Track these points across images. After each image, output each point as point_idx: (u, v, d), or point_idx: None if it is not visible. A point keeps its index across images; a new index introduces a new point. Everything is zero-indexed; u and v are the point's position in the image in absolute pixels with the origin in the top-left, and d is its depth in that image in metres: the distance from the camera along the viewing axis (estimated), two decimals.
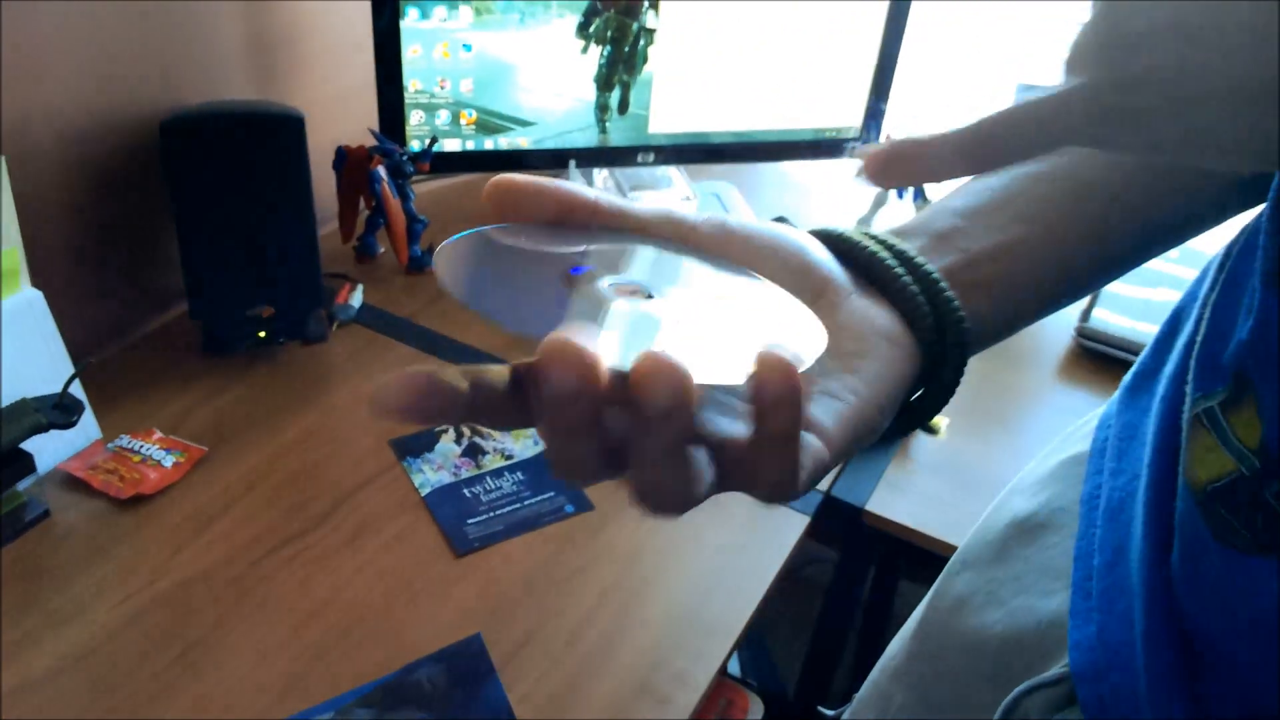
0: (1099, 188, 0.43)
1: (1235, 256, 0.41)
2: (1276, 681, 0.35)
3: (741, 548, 0.82)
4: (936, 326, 0.37)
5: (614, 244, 0.34)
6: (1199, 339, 0.41)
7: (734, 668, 1.21)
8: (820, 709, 0.70)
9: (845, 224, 0.40)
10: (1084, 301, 1.14)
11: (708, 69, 1.21)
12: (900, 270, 0.38)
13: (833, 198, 1.39)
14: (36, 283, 0.84)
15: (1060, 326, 1.14)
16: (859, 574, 1.10)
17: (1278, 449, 0.34)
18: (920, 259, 0.38)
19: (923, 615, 0.61)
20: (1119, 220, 0.43)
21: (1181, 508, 0.40)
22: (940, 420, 0.99)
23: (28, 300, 0.83)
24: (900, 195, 1.28)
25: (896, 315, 0.37)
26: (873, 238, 0.39)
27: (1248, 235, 0.40)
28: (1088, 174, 0.43)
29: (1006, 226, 0.41)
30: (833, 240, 0.39)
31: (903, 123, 1.31)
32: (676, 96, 1.22)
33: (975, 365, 0.40)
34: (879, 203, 1.30)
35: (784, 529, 0.84)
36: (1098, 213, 0.43)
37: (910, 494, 0.90)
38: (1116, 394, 0.51)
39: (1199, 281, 0.46)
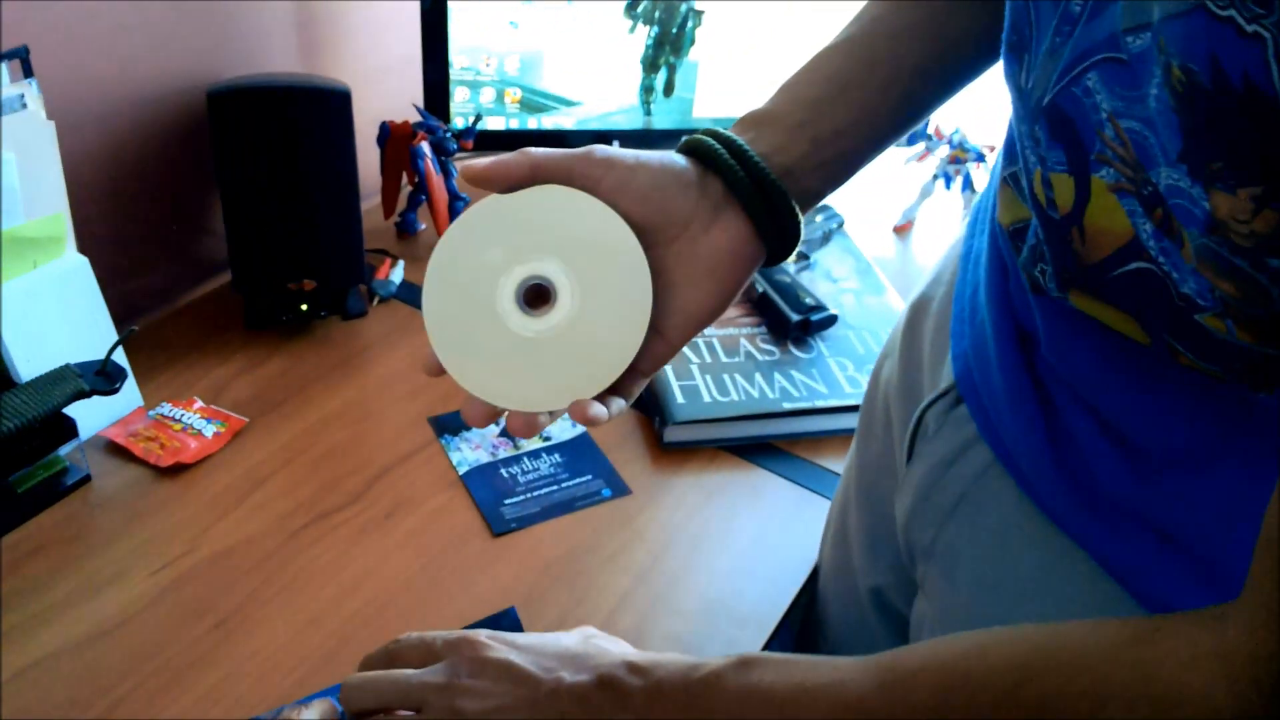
0: (908, 67, 0.55)
1: None
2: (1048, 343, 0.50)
3: (778, 538, 0.82)
4: (775, 224, 0.51)
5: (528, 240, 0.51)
6: (1010, 119, 0.51)
7: None
8: None
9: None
10: None
11: (755, 54, 1.19)
12: (748, 182, 0.50)
13: (878, 185, 1.37)
14: (82, 249, 0.84)
15: None
16: None
17: (1025, 192, 0.47)
18: (761, 163, 0.51)
19: (862, 410, 0.75)
20: (922, 90, 0.56)
21: (1000, 243, 0.54)
22: None
23: (73, 266, 0.83)
24: (948, 185, 1.26)
25: (744, 222, 0.51)
26: (728, 145, 0.51)
27: None
28: (901, 56, 0.55)
29: (842, 113, 0.53)
30: (699, 154, 0.52)
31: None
32: (722, 81, 1.20)
33: None
34: (925, 193, 1.28)
35: (820, 520, 0.83)
36: (905, 89, 0.55)
37: None
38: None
39: None
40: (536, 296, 0.52)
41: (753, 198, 0.51)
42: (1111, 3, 0.37)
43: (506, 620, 0.72)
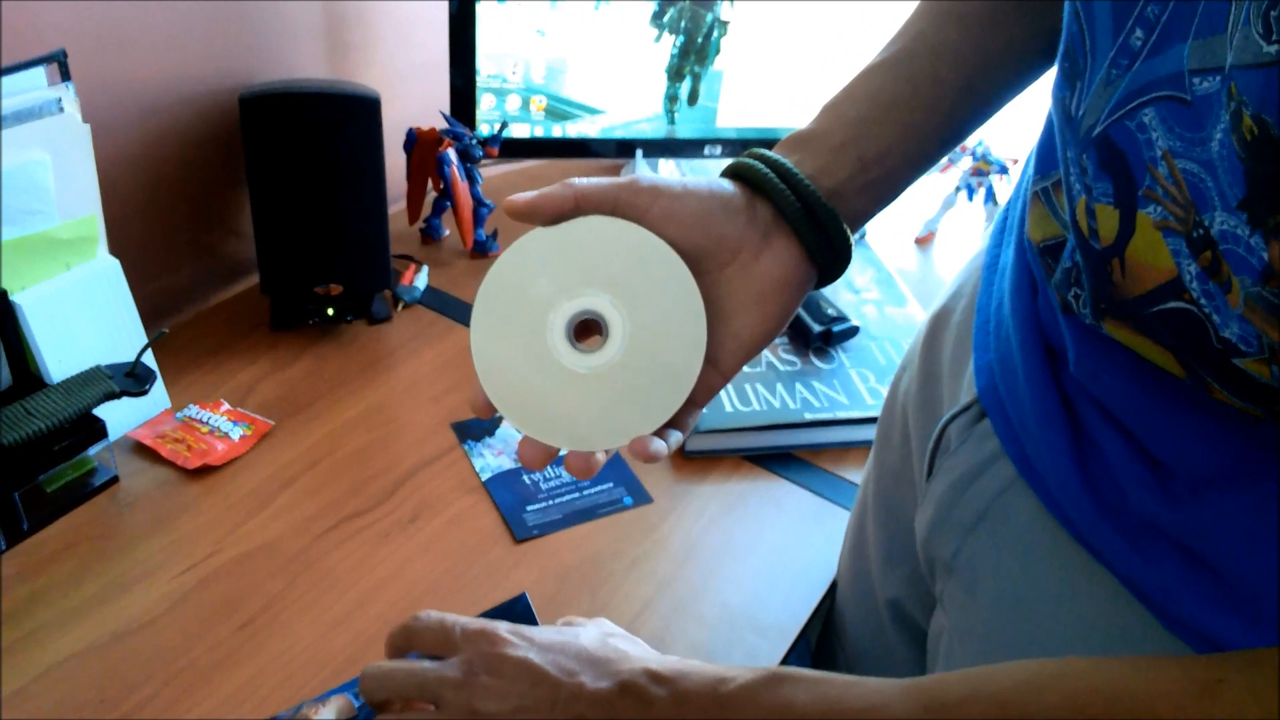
0: (954, 85, 0.55)
1: None
2: (1083, 363, 0.49)
3: (799, 549, 0.82)
4: (826, 247, 0.51)
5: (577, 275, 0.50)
6: (1042, 132, 0.52)
7: None
8: None
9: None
10: None
11: (779, 63, 1.19)
12: (798, 206, 0.50)
13: (900, 196, 1.37)
14: (113, 250, 0.85)
15: None
16: None
17: (1067, 218, 0.47)
18: (811, 185, 0.51)
19: (880, 422, 0.74)
20: (965, 107, 0.56)
21: (1029, 258, 0.54)
22: None
23: (105, 268, 0.84)
24: (970, 197, 1.26)
25: (795, 246, 0.51)
26: (775, 168, 0.51)
27: None
28: (943, 73, 0.54)
29: (887, 133, 0.53)
30: (746, 178, 0.51)
31: None
32: (746, 90, 1.21)
33: None
34: (947, 205, 1.28)
35: (841, 532, 0.83)
36: (949, 106, 0.55)
37: None
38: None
39: None
40: (585, 330, 0.50)
41: (803, 222, 0.50)
42: (1179, 41, 0.37)
43: (519, 606, 0.72)
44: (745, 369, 0.95)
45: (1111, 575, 0.50)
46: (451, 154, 1.10)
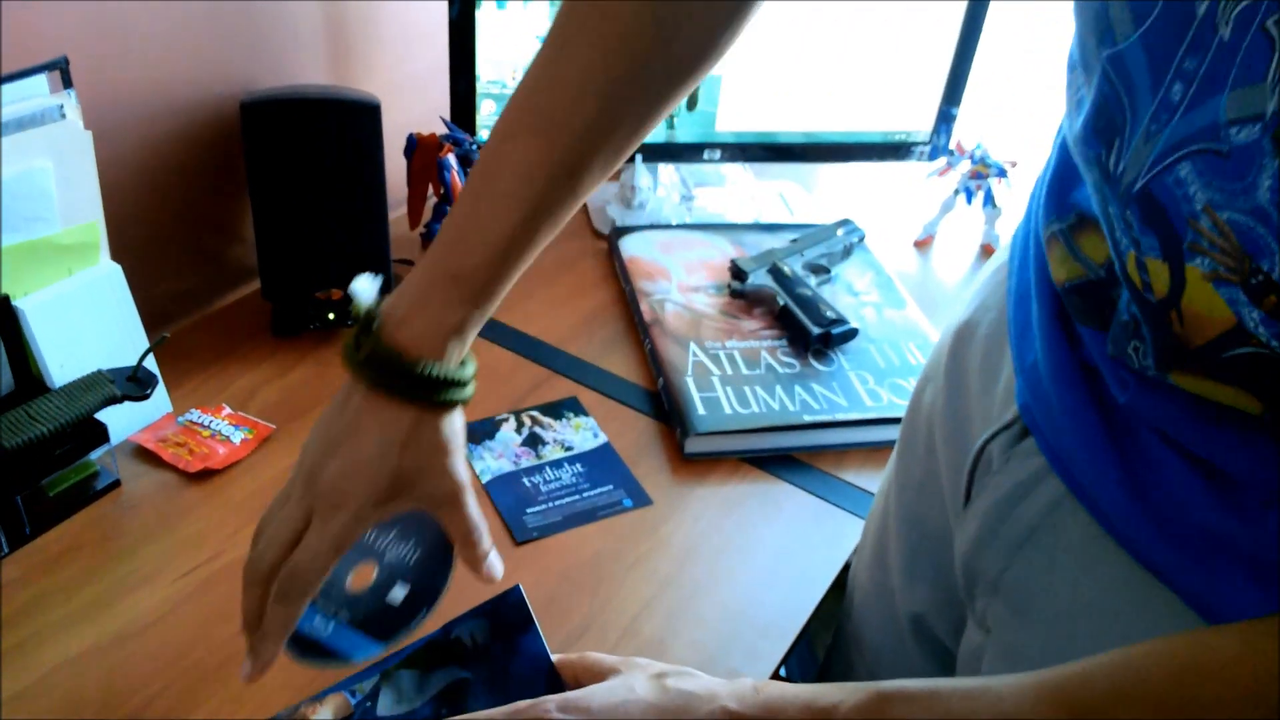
0: (574, 205, 0.59)
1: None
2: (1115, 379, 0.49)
3: (798, 549, 0.82)
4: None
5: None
6: (1048, 175, 0.54)
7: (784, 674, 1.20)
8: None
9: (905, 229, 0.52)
10: None
11: (777, 68, 1.20)
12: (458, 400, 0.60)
13: (899, 200, 1.38)
14: (115, 256, 0.86)
15: None
16: None
17: (1118, 272, 0.46)
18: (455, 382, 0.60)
19: (901, 433, 0.74)
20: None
21: (1063, 297, 0.54)
22: None
23: (107, 273, 0.85)
24: (969, 200, 1.27)
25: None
26: (436, 380, 0.59)
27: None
28: (569, 198, 0.58)
29: (508, 271, 0.59)
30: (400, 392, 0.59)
31: None
32: (745, 95, 1.21)
33: None
34: (946, 208, 1.29)
35: (841, 533, 0.83)
36: (565, 219, 0.59)
37: None
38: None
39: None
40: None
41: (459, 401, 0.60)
42: (1216, 93, 0.37)
43: (512, 598, 0.72)
44: (745, 371, 0.96)
45: (1170, 591, 0.48)
46: (452, 159, 1.10)
